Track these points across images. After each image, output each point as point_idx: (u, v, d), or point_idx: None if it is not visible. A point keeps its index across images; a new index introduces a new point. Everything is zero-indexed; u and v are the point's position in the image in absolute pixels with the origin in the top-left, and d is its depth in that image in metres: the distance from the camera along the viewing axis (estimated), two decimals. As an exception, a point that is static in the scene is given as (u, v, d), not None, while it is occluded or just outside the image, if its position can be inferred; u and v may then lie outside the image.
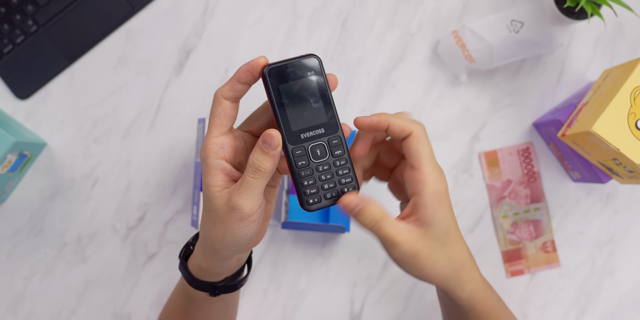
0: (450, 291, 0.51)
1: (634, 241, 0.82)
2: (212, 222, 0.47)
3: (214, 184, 0.46)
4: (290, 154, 0.46)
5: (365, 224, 0.47)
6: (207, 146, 0.46)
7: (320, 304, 0.81)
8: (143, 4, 0.81)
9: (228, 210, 0.45)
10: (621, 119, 0.64)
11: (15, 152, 0.73)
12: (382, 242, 0.47)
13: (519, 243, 0.81)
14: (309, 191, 0.47)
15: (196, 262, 0.52)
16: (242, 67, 0.45)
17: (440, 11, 0.82)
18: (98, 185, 0.81)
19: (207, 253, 0.50)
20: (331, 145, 0.47)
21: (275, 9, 0.82)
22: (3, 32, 0.80)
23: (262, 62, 0.45)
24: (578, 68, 0.82)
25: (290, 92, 0.45)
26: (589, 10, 0.70)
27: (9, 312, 0.80)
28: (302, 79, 0.45)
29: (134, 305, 0.80)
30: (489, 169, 0.82)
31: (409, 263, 0.48)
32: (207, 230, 0.48)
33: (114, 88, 0.81)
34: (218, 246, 0.48)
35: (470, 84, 0.82)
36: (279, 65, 0.45)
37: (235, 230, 0.46)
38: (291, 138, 0.46)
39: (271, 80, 0.45)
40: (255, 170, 0.44)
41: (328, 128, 0.46)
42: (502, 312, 0.59)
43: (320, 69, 0.46)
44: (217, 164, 0.46)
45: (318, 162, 0.47)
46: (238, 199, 0.45)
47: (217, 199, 0.46)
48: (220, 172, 0.46)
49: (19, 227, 0.80)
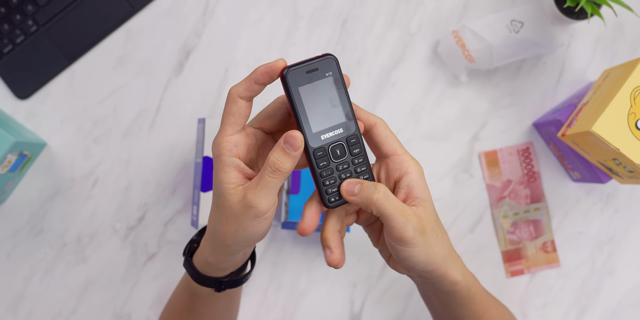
0: (448, 271, 0.51)
1: (634, 241, 0.82)
2: (225, 218, 0.47)
3: (227, 181, 0.46)
4: (312, 155, 0.47)
5: (379, 197, 0.46)
6: (221, 144, 0.46)
7: (320, 304, 0.81)
8: (143, 4, 0.81)
9: (243, 207, 0.46)
10: (621, 119, 0.64)
11: (15, 152, 0.73)
12: (393, 219, 0.46)
13: (519, 243, 0.81)
14: (331, 190, 0.48)
15: (203, 257, 0.53)
16: (260, 68, 0.45)
17: (440, 11, 0.82)
18: (98, 185, 0.81)
19: (215, 248, 0.50)
20: (350, 144, 0.48)
21: (275, 9, 0.82)
22: (3, 32, 0.80)
23: (281, 64, 0.45)
24: (578, 68, 0.82)
25: (310, 94, 0.46)
26: (589, 10, 0.70)
27: (9, 312, 0.80)
28: (321, 80, 0.46)
29: (134, 305, 0.80)
30: (489, 169, 0.82)
31: (419, 242, 0.47)
32: (218, 226, 0.48)
33: (114, 88, 0.81)
34: (229, 242, 0.48)
35: (470, 84, 0.82)
36: (298, 67, 0.45)
37: (248, 227, 0.47)
38: (313, 139, 0.47)
39: (291, 83, 0.45)
40: (275, 170, 0.45)
41: (346, 127, 0.47)
42: (491, 298, 0.61)
43: (338, 69, 0.46)
44: (231, 161, 0.46)
45: (338, 161, 0.48)
46: (255, 197, 0.45)
47: (231, 196, 0.46)
48: (233, 170, 0.46)
49: (19, 227, 0.80)
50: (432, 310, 0.61)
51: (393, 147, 0.49)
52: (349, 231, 0.77)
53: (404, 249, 0.47)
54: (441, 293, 0.54)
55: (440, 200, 0.81)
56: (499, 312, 0.61)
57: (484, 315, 0.58)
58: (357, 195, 0.47)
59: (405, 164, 0.48)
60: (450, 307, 0.57)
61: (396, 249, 0.48)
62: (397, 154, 0.49)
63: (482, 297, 0.57)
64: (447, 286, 0.52)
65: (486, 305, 0.58)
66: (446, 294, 0.54)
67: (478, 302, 0.57)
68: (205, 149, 0.73)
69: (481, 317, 0.58)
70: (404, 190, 0.48)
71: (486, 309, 0.58)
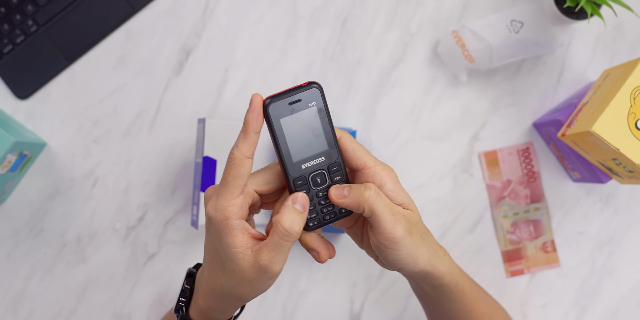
0: (434, 268, 0.51)
1: (634, 241, 0.82)
2: (236, 282, 0.47)
3: (235, 246, 0.46)
4: (292, 184, 0.47)
5: (370, 194, 0.46)
6: (228, 208, 0.45)
7: (320, 304, 0.81)
8: (143, 4, 0.81)
9: (257, 272, 0.46)
10: (621, 119, 0.64)
11: (15, 152, 0.73)
12: (383, 218, 0.47)
13: (519, 243, 0.81)
14: (310, 216, 0.49)
15: (209, 315, 0.52)
16: (251, 115, 0.44)
17: (440, 11, 0.82)
18: (98, 185, 0.81)
19: (227, 307, 0.50)
20: (331, 172, 0.48)
21: (275, 9, 0.82)
22: (3, 32, 0.80)
23: (260, 99, 0.44)
24: (578, 68, 0.82)
25: (292, 125, 0.45)
26: (589, 10, 0.70)
27: (9, 312, 0.80)
28: (304, 111, 0.45)
29: (134, 305, 0.80)
30: (489, 169, 0.82)
31: (407, 242, 0.48)
32: (228, 289, 0.48)
33: (114, 88, 0.81)
34: (242, 301, 0.49)
35: (470, 84, 0.82)
36: (281, 99, 0.45)
37: (262, 287, 0.47)
38: (293, 169, 0.46)
39: (273, 115, 0.45)
40: (288, 234, 0.45)
41: (328, 156, 0.47)
42: (482, 293, 0.61)
43: (322, 98, 0.46)
44: (238, 224, 0.46)
45: (318, 189, 0.48)
46: (271, 262, 0.45)
47: (241, 261, 0.46)
48: (240, 232, 0.46)
49: (19, 227, 0.80)
50: (424, 304, 0.61)
51: (362, 160, 0.48)
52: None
53: (392, 251, 0.48)
54: (430, 288, 0.55)
55: (440, 200, 0.81)
56: (489, 307, 0.61)
57: (474, 309, 0.59)
58: (347, 196, 0.47)
59: (377, 176, 0.48)
60: (440, 302, 0.57)
61: (385, 252, 0.48)
62: (367, 167, 0.48)
63: (472, 291, 0.58)
64: (435, 281, 0.53)
65: (476, 300, 0.59)
66: (435, 288, 0.55)
67: (467, 296, 0.57)
68: (205, 149, 0.73)
69: (471, 311, 0.58)
70: None
71: (476, 304, 0.59)
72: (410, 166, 0.81)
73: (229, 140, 0.74)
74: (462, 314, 0.58)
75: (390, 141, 0.81)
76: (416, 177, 0.81)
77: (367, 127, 0.81)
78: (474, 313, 0.59)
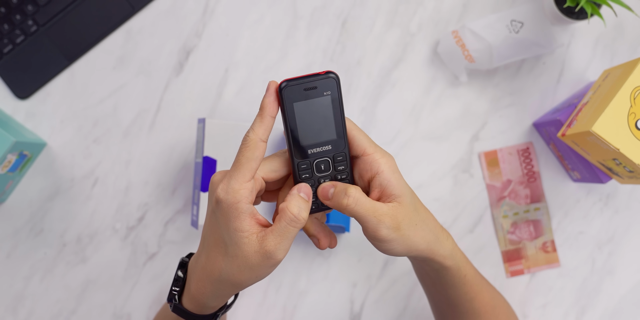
0: (434, 253, 0.52)
1: (634, 241, 0.82)
2: (237, 268, 0.47)
3: (242, 230, 0.45)
4: (296, 167, 0.47)
5: (349, 203, 0.47)
6: (239, 191, 0.45)
7: (320, 304, 0.81)
8: (143, 4, 0.81)
9: (261, 258, 0.46)
10: (621, 119, 0.64)
11: (15, 152, 0.73)
12: (366, 220, 0.47)
13: (519, 243, 0.81)
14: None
15: (202, 302, 0.51)
16: (268, 100, 0.45)
17: (440, 11, 0.82)
18: (98, 185, 0.81)
19: (222, 293, 0.50)
20: (335, 161, 0.48)
21: (275, 9, 0.82)
22: (3, 32, 0.80)
23: (275, 84, 0.45)
24: (578, 68, 0.82)
25: (304, 110, 0.46)
26: (589, 10, 0.70)
27: (9, 312, 0.80)
28: (318, 98, 0.46)
29: (134, 305, 0.80)
30: (489, 169, 0.82)
31: (395, 237, 0.48)
32: (227, 275, 0.47)
33: (114, 88, 0.81)
34: (240, 288, 0.49)
35: (470, 84, 0.82)
36: (296, 83, 0.45)
37: (262, 273, 0.47)
38: (298, 152, 0.47)
39: (286, 98, 0.45)
40: (296, 219, 0.45)
41: (335, 145, 0.48)
42: (485, 283, 0.61)
43: (337, 88, 0.46)
44: (247, 208, 0.46)
45: (321, 175, 0.48)
46: (276, 249, 0.45)
47: (246, 246, 0.46)
48: (249, 217, 0.46)
49: (19, 227, 0.80)
50: (426, 290, 0.61)
51: (362, 147, 0.49)
52: (348, 231, 0.77)
53: (381, 245, 0.49)
54: (432, 271, 0.55)
55: (440, 200, 0.82)
56: (492, 297, 0.61)
57: (477, 298, 0.59)
58: (330, 200, 0.48)
59: (375, 164, 0.48)
60: (442, 287, 0.57)
61: (374, 244, 0.49)
62: (367, 154, 0.49)
63: (475, 279, 0.58)
64: (436, 264, 0.53)
65: (479, 289, 0.59)
66: (437, 272, 0.55)
67: (470, 283, 0.57)
68: (205, 149, 0.73)
69: (473, 299, 0.58)
70: (377, 190, 0.49)
71: (479, 292, 0.59)
72: (410, 166, 0.81)
73: (229, 140, 0.74)
74: (464, 302, 0.58)
75: (390, 141, 0.81)
76: (416, 177, 0.81)
77: (367, 127, 0.81)
78: (477, 302, 0.59)
